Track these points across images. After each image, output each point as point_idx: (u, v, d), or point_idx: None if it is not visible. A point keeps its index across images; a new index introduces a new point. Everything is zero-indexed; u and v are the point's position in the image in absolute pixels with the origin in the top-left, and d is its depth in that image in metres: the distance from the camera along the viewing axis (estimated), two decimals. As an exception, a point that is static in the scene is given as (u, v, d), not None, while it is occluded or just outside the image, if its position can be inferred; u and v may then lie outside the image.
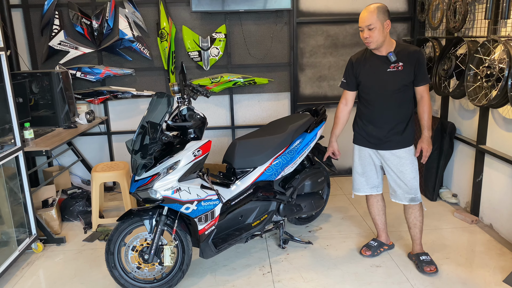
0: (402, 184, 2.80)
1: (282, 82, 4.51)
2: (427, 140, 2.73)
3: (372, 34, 2.59)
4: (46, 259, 3.18)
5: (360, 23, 2.62)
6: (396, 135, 2.74)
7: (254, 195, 2.95)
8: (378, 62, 2.72)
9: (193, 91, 2.79)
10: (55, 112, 3.72)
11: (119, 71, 4.24)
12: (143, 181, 2.50)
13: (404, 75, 2.66)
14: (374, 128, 2.78)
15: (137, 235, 2.67)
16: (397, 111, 2.72)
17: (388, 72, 2.68)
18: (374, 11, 2.57)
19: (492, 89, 3.03)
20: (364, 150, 2.90)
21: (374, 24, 2.57)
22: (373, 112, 2.78)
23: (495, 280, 2.71)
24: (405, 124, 2.74)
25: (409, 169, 2.76)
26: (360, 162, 2.94)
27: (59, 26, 4.10)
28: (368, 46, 2.67)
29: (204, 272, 2.93)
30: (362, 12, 2.63)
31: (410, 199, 2.81)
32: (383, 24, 2.59)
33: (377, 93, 2.74)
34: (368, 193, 2.98)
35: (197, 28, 4.29)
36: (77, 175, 4.58)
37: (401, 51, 2.67)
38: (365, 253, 3.06)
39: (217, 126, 4.59)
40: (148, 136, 2.50)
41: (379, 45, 2.64)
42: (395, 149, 2.76)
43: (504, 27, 3.09)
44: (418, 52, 2.67)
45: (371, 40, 2.61)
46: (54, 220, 3.56)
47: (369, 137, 2.83)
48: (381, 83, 2.70)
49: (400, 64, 2.65)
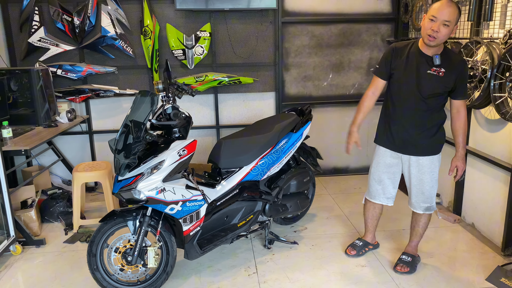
0: (419, 193, 2.72)
1: (268, 81, 4.49)
2: (463, 158, 2.61)
3: (443, 31, 2.35)
4: (25, 262, 3.09)
5: (438, 14, 2.34)
6: (422, 140, 2.60)
7: (239, 195, 2.92)
8: (421, 60, 2.51)
9: (178, 90, 2.75)
10: (34, 110, 3.61)
11: (101, 69, 4.16)
12: (127, 181, 2.45)
13: (442, 82, 2.48)
14: (401, 128, 2.62)
15: (120, 237, 2.61)
16: (427, 115, 2.56)
17: (428, 73, 2.49)
18: (456, 9, 2.34)
19: (475, 90, 3.07)
20: (384, 154, 2.76)
21: (452, 22, 2.34)
22: (403, 111, 2.60)
23: (478, 279, 2.75)
24: (434, 131, 2.59)
25: (428, 177, 2.66)
26: (378, 168, 2.80)
27: (39, 22, 4.00)
28: (430, 41, 2.40)
29: (189, 273, 2.89)
30: (443, 3, 2.34)
31: (426, 208, 2.76)
32: (455, 27, 2.40)
33: (409, 92, 2.55)
34: (384, 203, 2.88)
35: (182, 26, 4.23)
36: (57, 175, 4.48)
37: (446, 57, 2.48)
38: (350, 252, 3.06)
39: (201, 126, 4.54)
40: (131, 135, 2.44)
41: (438, 44, 2.43)
42: (421, 155, 2.63)
43: (486, 29, 3.14)
44: (463, 63, 2.50)
45: (438, 36, 2.36)
46: (33, 222, 3.46)
47: (394, 138, 2.67)
48: (418, 82, 2.51)
49: (442, 70, 2.47)
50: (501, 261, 2.93)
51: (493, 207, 3.18)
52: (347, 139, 2.81)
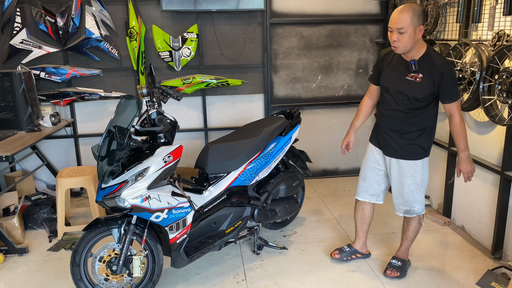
0: (399, 195, 2.72)
1: (256, 83, 4.43)
2: (465, 161, 2.50)
3: (401, 38, 2.35)
4: (7, 271, 3.00)
5: (391, 24, 2.37)
6: (403, 144, 2.59)
7: (227, 201, 2.87)
8: (401, 65, 2.54)
9: (163, 94, 2.69)
10: (17, 114, 3.51)
11: (86, 72, 4.07)
12: (110, 189, 2.38)
13: (420, 88, 2.44)
14: (385, 129, 2.65)
15: (104, 245, 2.54)
16: (408, 119, 2.55)
17: (406, 79, 2.49)
18: (409, 13, 2.31)
19: (464, 92, 3.06)
20: (372, 152, 2.79)
21: (406, 28, 2.32)
22: (386, 112, 2.63)
23: (468, 282, 2.73)
24: (416, 135, 2.56)
25: (409, 181, 2.64)
26: (365, 165, 2.84)
27: (21, 24, 3.89)
28: (394, 50, 2.45)
29: (176, 281, 2.83)
30: (394, 12, 2.36)
31: (405, 211, 2.74)
32: (416, 30, 2.34)
33: (392, 96, 2.58)
34: (367, 200, 2.89)
35: (168, 27, 4.16)
36: (42, 180, 4.38)
37: (426, 61, 2.44)
38: (334, 255, 3.01)
39: (189, 129, 4.47)
40: (115, 141, 2.38)
41: (406, 51, 2.42)
42: (400, 158, 2.63)
43: (475, 31, 3.12)
44: (443, 66, 2.38)
45: (399, 45, 2.38)
46: (16, 229, 3.37)
47: (380, 137, 2.71)
48: (397, 87, 2.53)
49: (419, 75, 2.44)
50: (491, 264, 2.92)
51: (483, 210, 3.17)
52: (343, 140, 2.92)
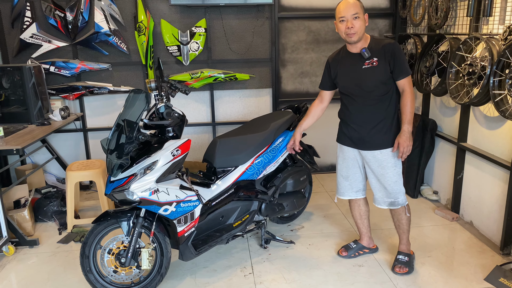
0: (381, 188, 2.72)
1: (264, 78, 4.43)
2: (405, 135, 2.52)
3: (356, 24, 2.44)
4: (18, 263, 3.04)
5: (343, 13, 2.46)
6: (378, 134, 2.62)
7: (235, 195, 2.88)
8: (353, 60, 2.60)
9: (171, 88, 2.69)
10: (27, 108, 3.54)
11: (95, 66, 4.09)
12: (119, 182, 2.40)
13: (380, 70, 2.53)
14: (355, 127, 2.67)
15: (113, 238, 2.57)
16: (377, 109, 2.60)
17: (364, 69, 2.55)
18: (356, 1, 2.47)
19: (474, 87, 3.03)
20: (347, 150, 2.80)
21: (360, 13, 2.45)
22: (353, 111, 2.66)
23: (476, 278, 2.72)
24: (389, 123, 2.60)
25: (390, 172, 2.65)
26: (345, 165, 2.84)
27: (30, 18, 3.92)
28: (351, 38, 2.49)
29: (183, 274, 2.85)
30: (341, 3, 2.49)
31: (390, 203, 2.73)
32: (364, 16, 2.50)
33: (355, 92, 2.62)
34: (353, 197, 2.90)
35: (176, 22, 4.17)
36: (51, 173, 4.43)
37: (374, 46, 2.55)
38: (341, 253, 3.02)
39: (197, 123, 4.49)
40: (124, 135, 2.40)
41: (360, 37, 2.50)
42: (377, 149, 2.64)
43: (486, 25, 3.09)
44: (392, 44, 2.53)
45: (355, 30, 2.45)
46: (26, 221, 3.42)
47: (351, 137, 2.72)
48: (358, 81, 2.58)
49: (374, 59, 2.53)
50: (500, 260, 2.90)
51: (492, 206, 3.14)
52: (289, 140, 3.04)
